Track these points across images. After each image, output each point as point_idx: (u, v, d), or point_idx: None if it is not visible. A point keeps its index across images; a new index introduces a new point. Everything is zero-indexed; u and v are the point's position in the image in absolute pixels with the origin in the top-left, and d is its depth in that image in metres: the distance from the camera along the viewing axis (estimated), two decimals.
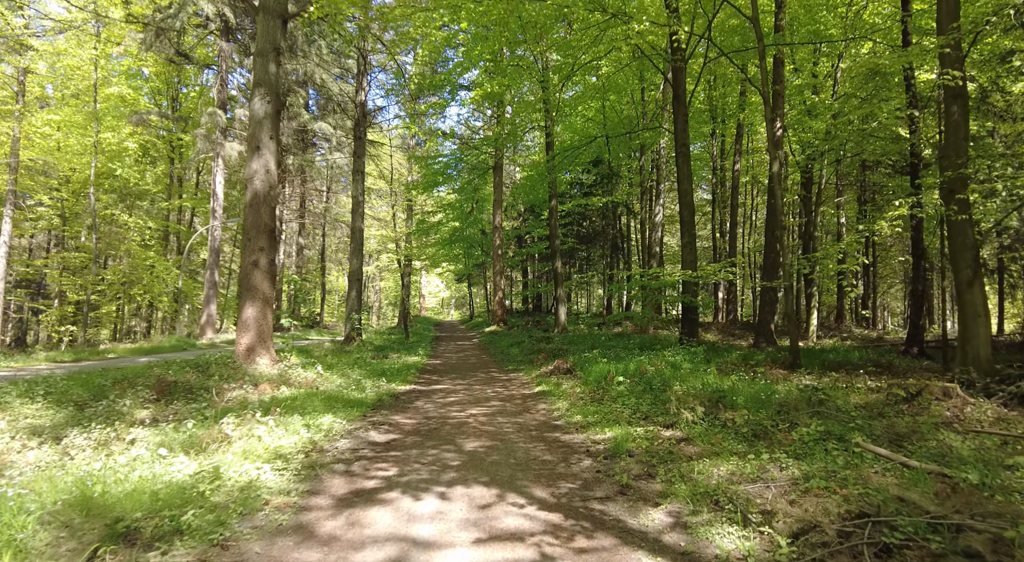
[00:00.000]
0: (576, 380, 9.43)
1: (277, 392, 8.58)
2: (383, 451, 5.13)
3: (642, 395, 7.06)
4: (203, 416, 6.33)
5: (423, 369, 12.84)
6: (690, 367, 8.36)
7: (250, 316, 10.28)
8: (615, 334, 19.46)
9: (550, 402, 7.86)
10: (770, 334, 14.18)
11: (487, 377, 11.38)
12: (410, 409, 7.53)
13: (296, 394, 8.28)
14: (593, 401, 7.31)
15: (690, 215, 13.15)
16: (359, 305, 19.98)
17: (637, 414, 6.15)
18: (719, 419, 5.24)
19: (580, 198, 25.24)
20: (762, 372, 8.05)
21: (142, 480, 3.71)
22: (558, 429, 6.05)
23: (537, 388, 9.36)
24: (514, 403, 7.95)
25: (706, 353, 10.24)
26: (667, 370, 8.12)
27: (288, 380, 9.57)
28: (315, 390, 8.87)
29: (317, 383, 9.64)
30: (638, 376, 8.18)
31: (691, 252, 12.92)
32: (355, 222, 20.53)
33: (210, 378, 8.85)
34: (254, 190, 10.55)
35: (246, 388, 8.52)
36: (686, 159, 13.29)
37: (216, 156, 26.59)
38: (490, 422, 6.47)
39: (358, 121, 20.86)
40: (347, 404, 7.61)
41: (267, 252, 10.52)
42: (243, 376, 9.33)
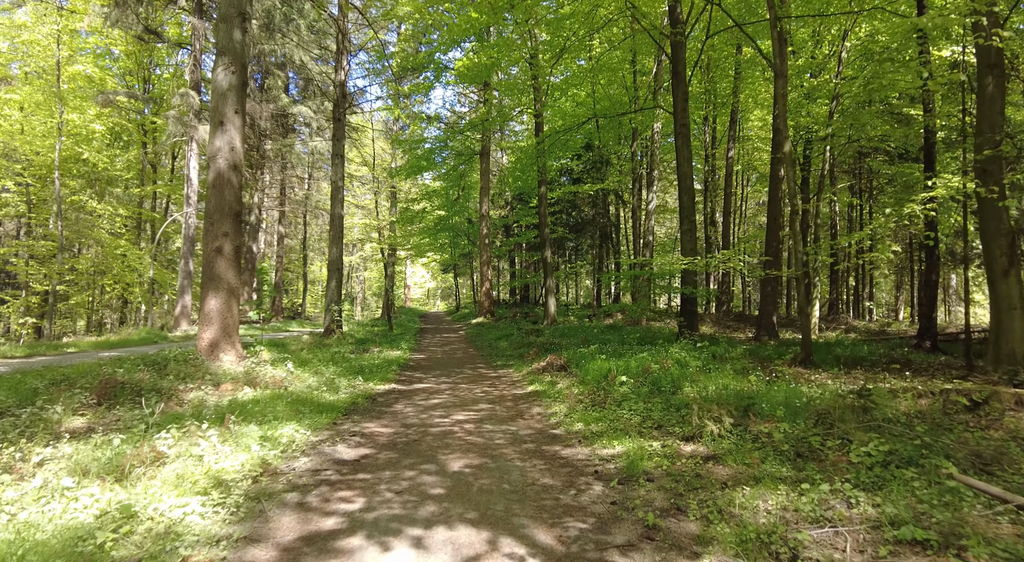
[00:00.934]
0: (572, 378, 8.62)
1: (240, 393, 7.67)
2: (350, 473, 4.27)
3: (650, 398, 6.26)
4: (145, 425, 5.42)
5: (405, 365, 11.97)
6: (699, 365, 7.58)
7: (213, 308, 9.33)
8: (607, 326, 18.71)
9: (545, 405, 7.03)
10: (772, 327, 13.50)
11: (474, 374, 10.54)
12: (387, 414, 6.67)
13: (260, 396, 7.37)
14: (594, 405, 6.50)
15: (690, 201, 12.36)
16: (339, 296, 19.03)
17: (648, 422, 5.34)
18: (750, 432, 4.44)
19: (570, 185, 24.37)
20: (780, 371, 7.29)
21: (23, 528, 2.82)
22: (558, 440, 5.23)
23: (530, 387, 8.54)
24: (505, 406, 7.12)
25: (711, 349, 9.48)
26: (674, 368, 7.34)
27: (254, 379, 8.66)
28: (283, 391, 7.97)
29: (287, 382, 8.74)
30: (642, 375, 7.38)
31: (691, 240, 12.14)
32: (335, 208, 19.53)
33: (165, 377, 7.91)
34: (217, 169, 9.55)
35: (205, 389, 7.61)
36: (686, 140, 12.47)
37: (190, 140, 25.32)
38: (478, 431, 5.63)
39: (337, 102, 19.78)
40: (316, 408, 6.72)
41: (232, 237, 9.54)
42: (203, 375, 8.40)
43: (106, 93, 23.58)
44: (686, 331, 12.06)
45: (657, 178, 20.86)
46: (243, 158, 9.96)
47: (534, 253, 30.23)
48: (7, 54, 25.43)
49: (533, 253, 30.39)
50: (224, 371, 8.79)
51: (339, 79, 19.81)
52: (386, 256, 29.31)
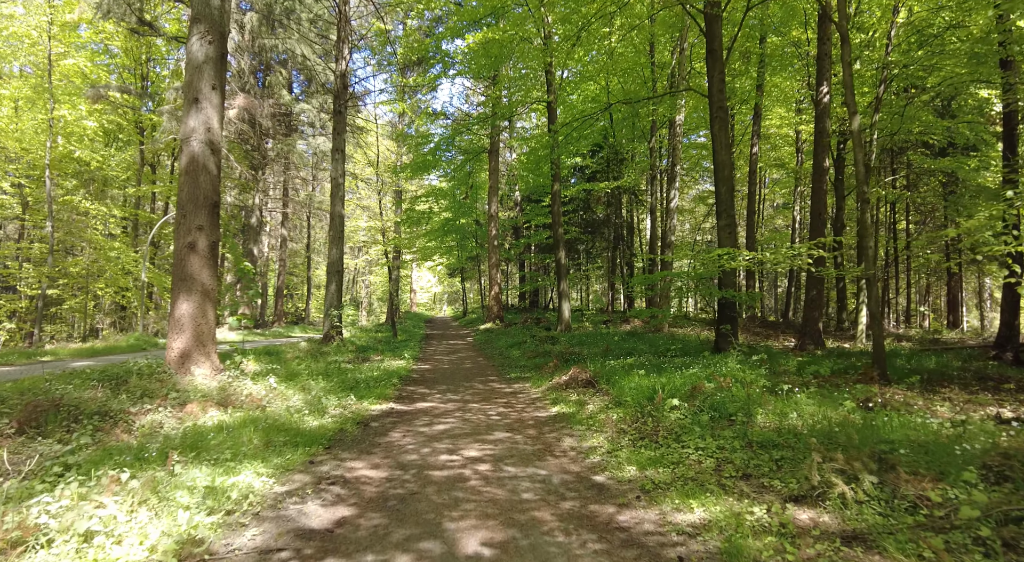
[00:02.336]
0: (604, 398, 7.24)
1: (205, 416, 6.35)
2: (316, 557, 2.91)
3: (716, 430, 4.89)
4: (63, 466, 4.11)
5: (407, 378, 10.61)
6: (766, 384, 6.18)
7: (185, 313, 8.03)
8: (626, 333, 17.32)
9: (578, 435, 5.66)
10: (818, 335, 12.07)
11: (486, 390, 9.17)
12: (380, 447, 5.31)
13: (229, 420, 6.05)
14: (642, 437, 5.13)
15: (728, 193, 10.98)
16: (339, 300, 17.75)
17: (728, 469, 3.97)
18: (901, 495, 3.06)
19: (584, 183, 23.01)
20: (853, 389, 5.90)
21: None
22: (607, 495, 3.85)
23: (553, 409, 7.16)
24: (527, 435, 5.75)
25: (765, 362, 8.07)
26: (736, 389, 5.95)
27: (228, 397, 7.34)
28: (259, 413, 6.64)
29: (266, 401, 7.41)
30: (695, 397, 6.00)
31: (731, 236, 10.75)
32: (335, 207, 18.26)
33: (119, 396, 6.60)
34: (191, 153, 8.27)
35: (164, 411, 6.29)
36: (724, 125, 11.10)
37: None
38: (497, 477, 4.27)
39: (338, 94, 18.54)
40: (292, 438, 5.37)
41: (207, 231, 8.25)
42: (167, 392, 7.09)
43: (97, 87, 22.47)
44: (725, 341, 10.67)
45: (679, 174, 19.46)
46: (222, 141, 8.68)
47: (545, 255, 28.87)
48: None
49: (544, 255, 29.03)
50: (195, 387, 7.48)
51: (340, 69, 18.57)
52: (390, 259, 28.02)
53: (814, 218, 12.23)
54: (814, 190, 12.34)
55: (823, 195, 12.18)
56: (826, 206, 12.26)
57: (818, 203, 12.20)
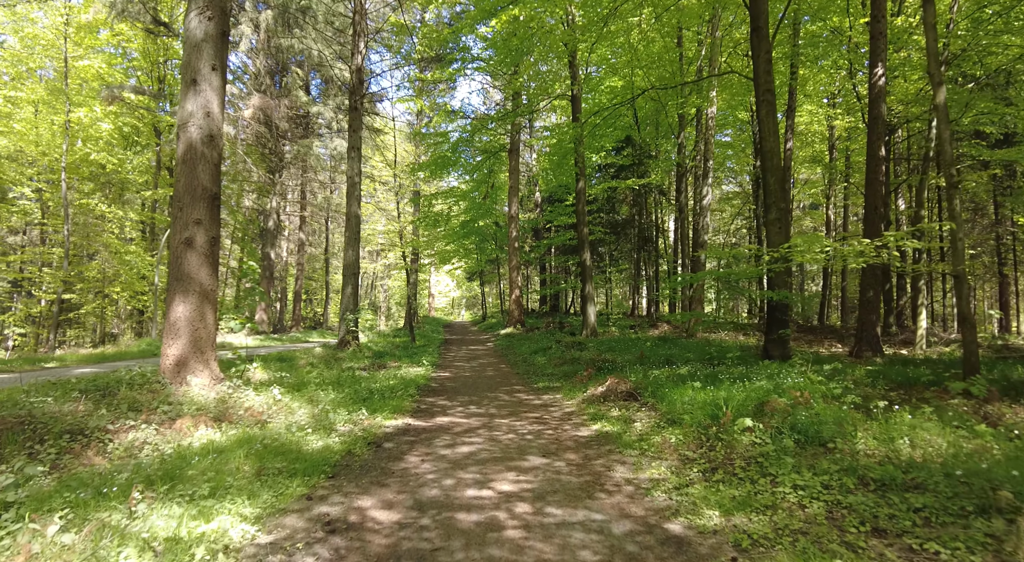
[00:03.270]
0: (652, 414, 6.28)
1: (195, 434, 5.53)
2: None
3: (808, 459, 3.91)
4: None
5: (426, 387, 9.74)
6: (855, 400, 5.15)
7: (181, 316, 7.25)
8: (658, 338, 16.28)
9: (631, 462, 4.70)
10: (876, 340, 10.92)
11: (512, 401, 8.25)
12: (393, 477, 4.42)
13: (221, 440, 5.22)
14: (712, 466, 4.18)
15: (778, 183, 9.95)
16: (355, 303, 17.02)
17: (849, 518, 3.01)
18: None
19: (609, 181, 22.02)
20: (950, 406, 4.87)
21: None
22: (692, 556, 2.91)
23: (594, 426, 6.22)
24: (568, 461, 4.82)
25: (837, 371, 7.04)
26: (820, 406, 4.95)
27: (227, 411, 6.54)
28: (257, 430, 5.81)
29: (268, 415, 6.59)
30: (766, 414, 5.02)
31: (782, 230, 9.71)
32: (351, 207, 17.58)
33: (100, 410, 5.82)
34: (188, 140, 7.52)
35: (149, 428, 5.49)
36: (771, 109, 10.09)
37: None
38: (540, 523, 3.34)
39: (353, 89, 17.87)
40: (290, 466, 4.51)
41: (206, 227, 7.48)
42: (159, 405, 6.31)
43: (111, 88, 22.10)
44: (777, 347, 9.63)
45: (711, 169, 18.41)
46: (222, 128, 7.91)
47: (567, 257, 27.90)
48: (20, 52, 24.19)
49: (566, 257, 28.06)
50: (190, 399, 6.69)
51: (356, 64, 17.89)
52: (408, 261, 27.29)
53: (869, 212, 11.12)
54: (868, 182, 11.23)
55: (879, 187, 11.06)
56: (883, 199, 11.16)
57: (874, 196, 11.09)
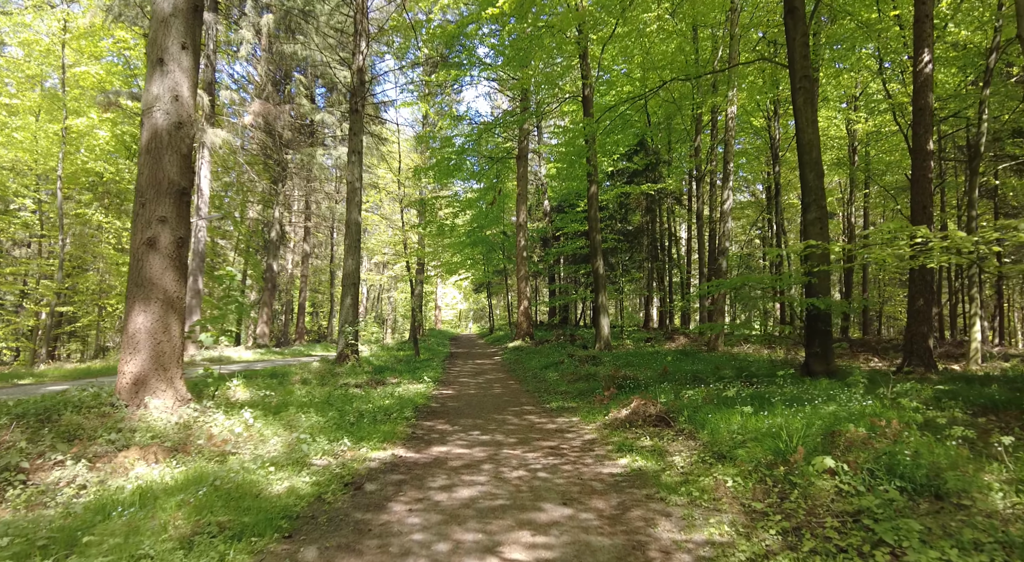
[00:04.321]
0: (691, 444, 5.22)
1: (137, 471, 4.52)
2: None
3: (933, 516, 2.85)
4: None
5: (425, 408, 8.69)
6: (967, 434, 4.06)
7: (140, 328, 6.28)
8: (678, 352, 15.20)
9: (679, 515, 3.63)
10: (928, 354, 9.79)
11: (523, 425, 7.19)
12: (370, 538, 3.38)
13: (162, 483, 4.20)
14: (794, 524, 3.12)
15: (817, 179, 8.91)
16: (355, 315, 16.05)
17: None
18: None
19: (622, 186, 21.04)
20: None
21: None
22: None
23: (621, 460, 5.15)
24: (597, 512, 3.76)
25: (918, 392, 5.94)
26: (914, 437, 3.88)
27: (186, 439, 5.54)
28: (216, 465, 4.79)
29: (233, 445, 5.58)
30: (844, 448, 3.96)
31: (822, 231, 8.67)
32: (351, 213, 16.68)
33: (20, 444, 4.82)
34: (153, 127, 6.61)
35: (77, 465, 4.48)
36: (810, 98, 9.09)
37: (201, 146, 23.04)
38: None
39: (355, 91, 17.07)
40: (237, 519, 3.47)
41: (172, 225, 6.53)
42: (102, 434, 5.32)
43: (107, 93, 21.43)
44: (820, 362, 8.53)
45: (731, 172, 17.38)
46: (193, 115, 6.99)
47: (579, 266, 26.84)
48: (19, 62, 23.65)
49: (577, 266, 27.01)
50: (146, 425, 5.71)
51: (357, 64, 17.10)
52: (412, 271, 26.34)
53: (916, 213, 10.03)
54: (915, 179, 10.17)
55: (927, 185, 9.99)
56: (931, 197, 10.08)
57: (921, 194, 10.01)
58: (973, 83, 12.89)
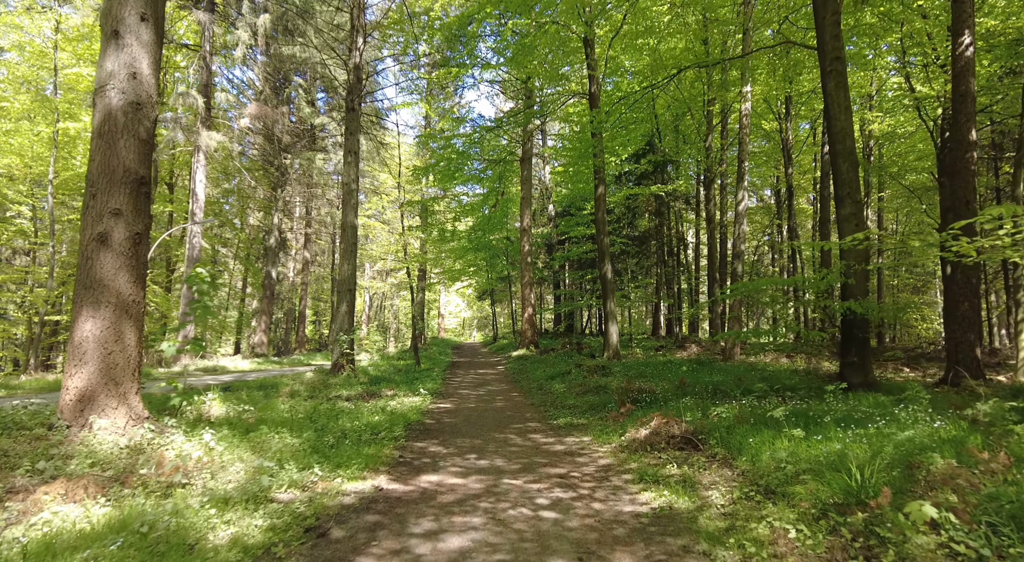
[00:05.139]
0: (728, 473, 4.35)
1: (49, 511, 3.68)
2: None
3: None
4: None
5: (418, 425, 7.82)
6: None
7: (88, 336, 5.48)
8: (692, 362, 14.31)
9: None
10: (976, 364, 8.87)
11: (527, 447, 6.32)
12: None
13: (75, 529, 3.36)
14: None
15: (851, 170, 8.06)
16: (350, 323, 15.22)
17: None
18: None
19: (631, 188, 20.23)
20: None
21: None
22: None
23: (646, 492, 4.29)
24: None
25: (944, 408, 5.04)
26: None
27: (132, 466, 4.71)
28: (154, 502, 3.95)
29: (188, 472, 4.73)
30: (927, 484, 3.08)
31: (857, 227, 7.81)
32: (347, 216, 15.89)
33: None
34: (107, 108, 5.83)
35: None
36: (841, 82, 8.26)
37: (196, 149, 22.40)
38: None
39: (351, 88, 16.34)
40: None
41: (128, 219, 5.74)
42: (29, 461, 4.52)
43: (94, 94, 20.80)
44: (857, 373, 7.65)
45: (746, 172, 16.54)
46: (156, 96, 6.22)
47: (585, 271, 26.00)
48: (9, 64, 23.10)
49: (583, 272, 26.15)
50: (89, 449, 4.91)
51: (354, 62, 16.39)
52: (413, 278, 25.54)
53: (958, 208, 9.14)
54: (957, 171, 9.29)
55: (970, 178, 9.11)
56: (975, 191, 9.20)
57: (964, 188, 9.13)
58: (1006, 74, 12.07)
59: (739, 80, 19.02)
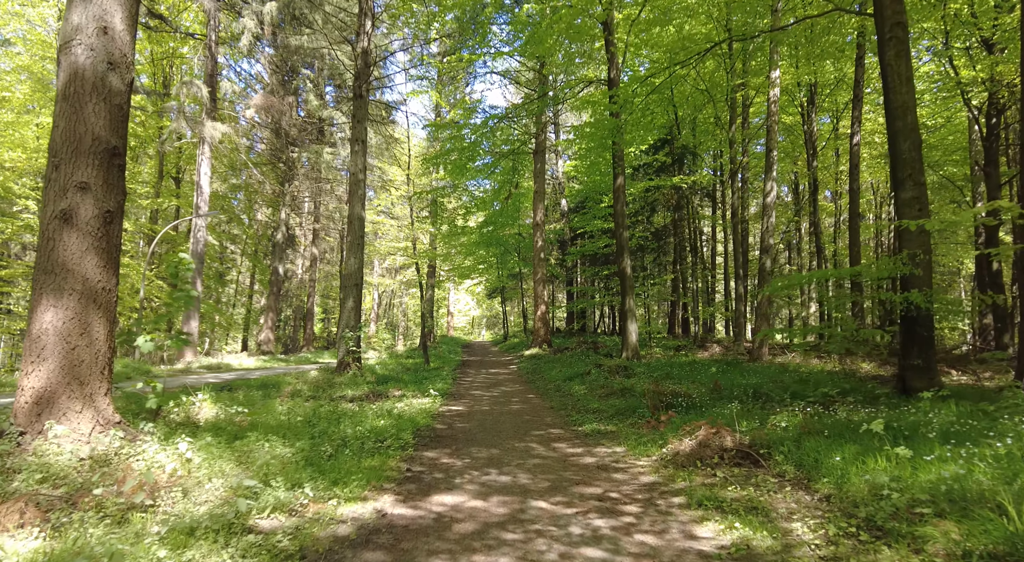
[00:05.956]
0: (806, 498, 3.52)
1: None
2: None
3: None
4: None
5: (427, 431, 7.03)
6: None
7: (49, 328, 4.73)
8: (721, 362, 13.45)
9: None
10: None
11: (553, 459, 5.51)
12: None
13: None
14: None
15: (914, 149, 7.18)
16: (357, 320, 14.49)
17: None
18: None
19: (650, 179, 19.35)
20: None
21: None
22: None
23: (707, 521, 3.46)
24: None
25: None
26: None
27: (90, 483, 3.95)
28: (109, 527, 3.20)
29: (153, 493, 3.96)
30: None
31: (920, 212, 6.94)
32: (353, 208, 15.17)
33: None
34: (73, 67, 5.08)
35: None
36: (902, 51, 7.37)
37: (201, 141, 21.79)
38: None
39: (359, 74, 15.63)
40: None
41: (97, 195, 4.99)
42: None
43: None
44: (922, 376, 6.78)
45: (774, 162, 15.60)
46: (132, 56, 5.47)
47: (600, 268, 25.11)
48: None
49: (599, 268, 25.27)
50: (42, 461, 4.18)
51: (361, 46, 15.67)
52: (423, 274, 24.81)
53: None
54: None
55: None
56: None
57: None
58: None
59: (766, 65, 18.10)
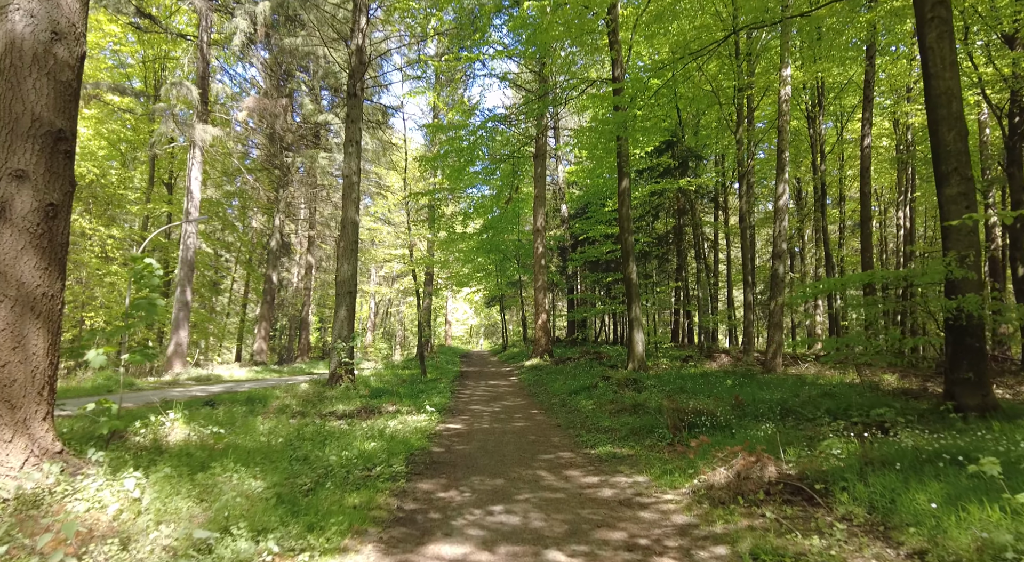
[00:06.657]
0: (883, 548, 2.80)
1: None
2: None
3: None
4: None
5: (423, 455, 6.27)
6: None
7: None
8: (728, 373, 12.72)
9: None
10: None
11: (567, 491, 4.77)
12: None
13: None
14: None
15: (959, 140, 6.50)
16: (350, 329, 13.77)
17: None
18: None
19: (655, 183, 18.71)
20: None
21: None
22: None
23: None
24: None
25: None
26: None
27: (8, 534, 3.19)
28: None
29: (81, 548, 3.21)
30: None
31: (968, 209, 6.27)
32: (347, 211, 14.50)
33: None
34: (9, 35, 4.37)
35: None
36: (945, 31, 6.71)
37: (192, 145, 21.10)
38: None
39: (353, 72, 15.02)
40: None
41: (37, 186, 4.27)
42: None
43: (86, 85, 19.61)
44: (973, 392, 6.07)
45: (786, 163, 14.95)
46: (83, 27, 4.77)
47: (603, 275, 24.40)
48: None
49: (602, 275, 24.56)
50: None
51: (356, 43, 15.07)
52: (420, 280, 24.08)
53: None
54: None
55: None
56: None
57: None
58: None
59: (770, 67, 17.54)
